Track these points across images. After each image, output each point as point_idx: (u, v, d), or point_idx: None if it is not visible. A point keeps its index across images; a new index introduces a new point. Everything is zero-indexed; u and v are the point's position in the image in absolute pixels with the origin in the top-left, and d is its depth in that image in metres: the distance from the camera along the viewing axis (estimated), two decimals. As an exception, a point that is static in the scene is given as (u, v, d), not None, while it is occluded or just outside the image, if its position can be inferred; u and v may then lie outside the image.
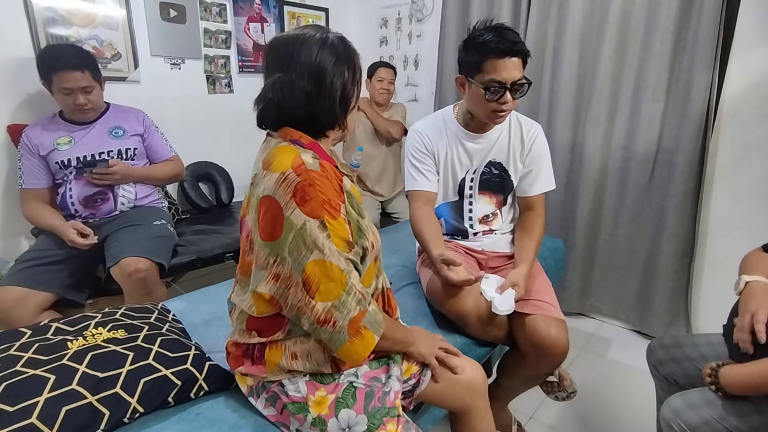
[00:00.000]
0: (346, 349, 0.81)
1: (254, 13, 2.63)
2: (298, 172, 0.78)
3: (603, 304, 2.30)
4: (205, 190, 2.50)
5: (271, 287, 0.82)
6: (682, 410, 1.01)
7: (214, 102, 2.51)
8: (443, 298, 1.25)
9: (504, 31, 1.24)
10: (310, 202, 0.77)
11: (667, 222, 2.00)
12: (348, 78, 0.86)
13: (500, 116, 1.31)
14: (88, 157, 1.74)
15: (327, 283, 0.78)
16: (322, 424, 0.85)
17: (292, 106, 0.83)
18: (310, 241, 0.77)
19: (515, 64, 1.23)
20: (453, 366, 1.05)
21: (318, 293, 0.78)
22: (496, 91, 1.25)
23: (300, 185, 0.77)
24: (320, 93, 0.83)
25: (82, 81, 1.66)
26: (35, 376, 0.81)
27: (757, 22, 1.74)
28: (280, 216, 0.77)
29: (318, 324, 0.79)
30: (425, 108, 2.94)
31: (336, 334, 0.80)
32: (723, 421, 0.95)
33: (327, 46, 0.84)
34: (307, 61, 0.83)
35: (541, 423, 1.63)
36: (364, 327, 0.82)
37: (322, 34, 0.85)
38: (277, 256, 0.80)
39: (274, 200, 0.78)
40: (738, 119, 1.85)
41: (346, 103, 0.88)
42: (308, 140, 0.86)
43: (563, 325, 1.25)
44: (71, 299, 1.65)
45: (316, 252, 0.77)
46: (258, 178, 0.83)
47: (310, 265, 0.77)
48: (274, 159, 0.81)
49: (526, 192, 1.45)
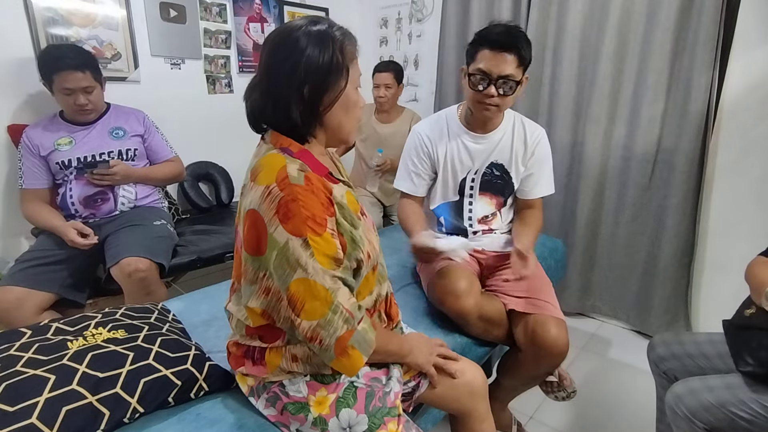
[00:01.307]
0: (334, 365, 0.81)
1: (254, 13, 2.63)
2: (281, 187, 0.75)
3: (603, 304, 2.30)
4: (205, 190, 2.50)
5: (262, 301, 0.82)
6: (683, 395, 1.04)
7: (214, 102, 2.51)
8: (443, 297, 1.25)
9: (511, 29, 1.24)
10: (293, 219, 0.74)
11: (667, 222, 2.00)
12: (320, 63, 0.77)
13: (486, 108, 1.30)
14: (89, 157, 1.74)
15: (311, 302, 0.76)
16: (323, 423, 0.85)
17: (262, 111, 0.82)
18: (293, 259, 0.75)
19: (506, 59, 1.22)
20: (452, 372, 1.03)
21: (303, 311, 0.76)
22: (479, 80, 1.25)
23: (283, 200, 0.74)
24: (279, 96, 0.79)
25: (83, 81, 1.66)
26: (35, 376, 0.81)
27: (757, 22, 1.74)
28: (264, 232, 0.76)
29: (306, 340, 0.79)
30: (425, 108, 2.93)
31: (323, 351, 0.79)
32: (722, 406, 0.98)
33: (302, 31, 0.78)
34: (271, 55, 0.79)
35: (541, 423, 1.63)
36: (351, 347, 0.79)
37: (309, 21, 0.80)
38: (265, 270, 0.80)
39: (258, 215, 0.76)
40: (738, 119, 1.84)
41: (317, 101, 0.80)
42: (297, 148, 0.82)
43: (563, 325, 1.25)
44: (71, 299, 1.64)
45: (300, 270, 0.75)
46: (246, 189, 0.81)
47: (293, 283, 0.75)
48: (261, 170, 0.78)
49: (526, 195, 1.46)
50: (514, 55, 1.22)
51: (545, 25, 2.22)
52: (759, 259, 1.13)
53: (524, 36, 1.26)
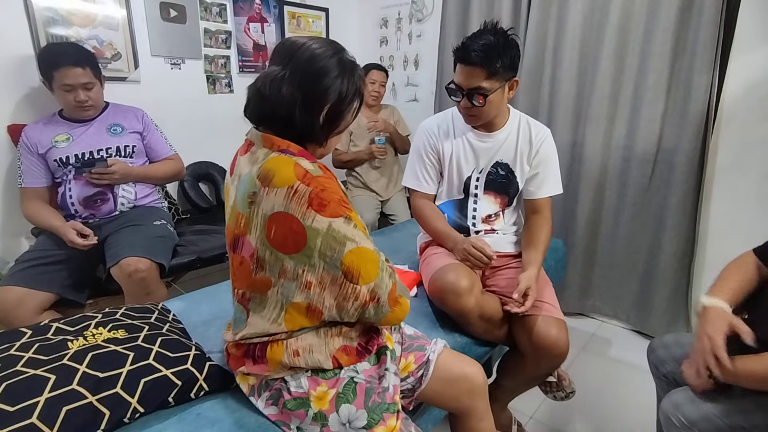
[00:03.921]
0: (387, 319, 0.87)
1: (254, 13, 2.63)
2: (306, 182, 0.77)
3: (603, 304, 2.30)
4: (205, 190, 2.50)
5: (306, 295, 0.83)
6: (683, 404, 1.01)
7: (214, 102, 2.51)
8: (445, 296, 1.25)
9: (477, 38, 1.25)
10: (329, 205, 0.78)
11: (667, 222, 2.00)
12: (344, 97, 0.85)
13: (469, 117, 1.37)
14: (87, 154, 1.74)
15: (366, 266, 0.81)
16: (323, 419, 0.85)
17: (275, 103, 0.82)
18: (341, 236, 0.78)
19: (471, 72, 1.26)
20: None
21: (361, 277, 0.81)
22: (452, 92, 1.32)
23: (314, 193, 0.77)
24: (307, 100, 0.82)
25: (83, 77, 1.66)
26: (35, 376, 0.81)
27: (757, 22, 1.74)
28: (298, 227, 0.77)
29: (364, 306, 0.83)
30: (425, 108, 2.94)
31: (380, 309, 0.85)
32: (724, 417, 0.95)
33: (336, 58, 0.84)
34: (308, 63, 0.82)
35: (541, 423, 1.63)
36: (400, 295, 0.87)
37: (338, 49, 0.85)
38: (305, 265, 0.80)
39: (287, 215, 0.77)
40: (738, 119, 1.85)
41: (331, 121, 0.86)
42: (296, 148, 0.84)
43: (563, 325, 1.25)
44: (71, 299, 1.64)
45: (350, 243, 0.79)
46: (258, 196, 0.79)
47: (346, 256, 0.79)
48: (274, 174, 0.78)
49: (532, 195, 1.45)
50: (478, 67, 1.24)
51: (545, 25, 2.22)
52: (744, 257, 1.12)
53: (504, 45, 1.24)
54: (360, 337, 0.92)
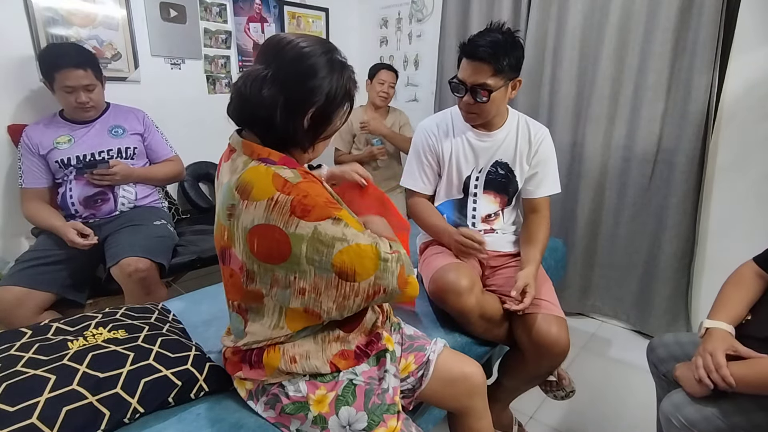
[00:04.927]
0: (400, 299, 0.86)
1: (254, 13, 2.63)
2: (287, 191, 0.74)
3: (603, 304, 2.30)
4: (205, 190, 2.50)
5: (301, 300, 0.81)
6: (683, 405, 1.01)
7: (214, 102, 2.51)
8: (445, 295, 1.25)
9: (485, 35, 1.26)
10: (314, 210, 0.75)
11: (667, 222, 2.00)
12: (332, 98, 0.79)
13: (469, 115, 1.36)
14: (88, 156, 1.74)
15: (361, 262, 0.78)
16: (322, 422, 0.85)
17: (255, 104, 0.77)
18: (328, 238, 0.75)
19: (477, 67, 1.26)
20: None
21: (357, 275, 0.78)
22: (455, 88, 1.32)
23: (295, 201, 0.74)
24: (290, 102, 0.77)
25: (84, 79, 1.66)
26: (36, 376, 0.81)
27: (757, 22, 1.74)
28: (281, 236, 0.74)
29: (369, 298, 0.82)
30: (425, 108, 2.93)
31: (389, 296, 0.84)
32: (724, 417, 0.95)
33: (326, 57, 0.79)
34: (293, 62, 0.77)
35: (541, 423, 1.63)
36: (409, 275, 0.85)
37: (328, 48, 0.80)
38: (295, 272, 0.78)
39: (268, 226, 0.74)
40: (738, 119, 1.84)
41: (318, 125, 0.81)
42: (278, 156, 0.80)
43: (564, 324, 1.25)
44: (71, 299, 1.64)
45: (338, 243, 0.76)
46: (237, 209, 0.77)
47: (336, 257, 0.76)
48: (252, 186, 0.75)
49: (531, 194, 1.46)
50: (485, 63, 1.24)
51: (545, 25, 2.22)
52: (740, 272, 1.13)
53: (511, 44, 1.25)
54: (358, 340, 0.92)
